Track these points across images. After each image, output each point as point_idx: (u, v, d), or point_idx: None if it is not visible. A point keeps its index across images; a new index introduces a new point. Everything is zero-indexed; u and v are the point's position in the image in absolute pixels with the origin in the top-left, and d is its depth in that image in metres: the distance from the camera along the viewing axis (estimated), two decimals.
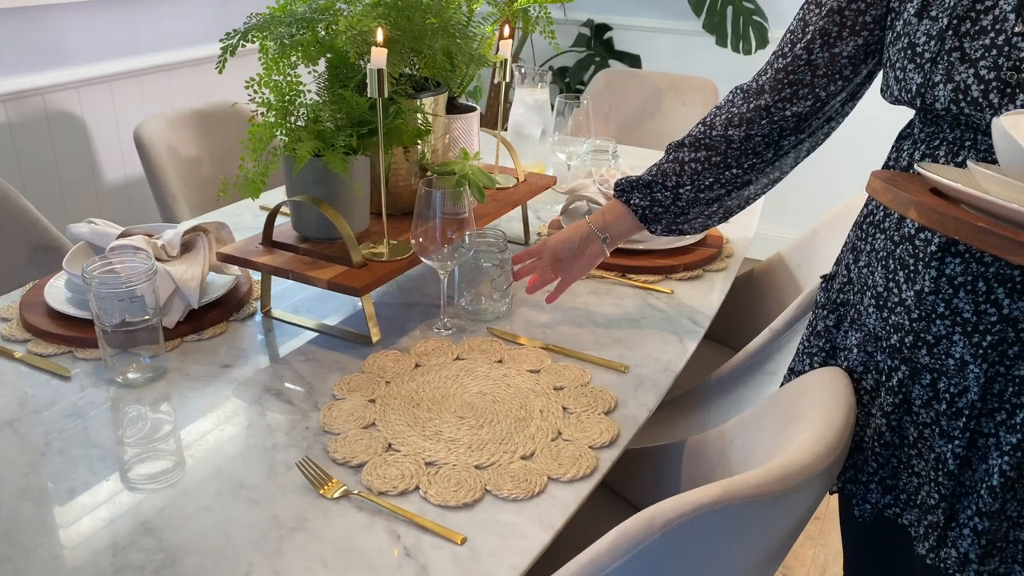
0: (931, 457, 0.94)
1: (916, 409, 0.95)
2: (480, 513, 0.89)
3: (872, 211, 1.01)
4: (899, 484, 0.99)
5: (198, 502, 0.90)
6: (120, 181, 2.42)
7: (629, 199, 1.19)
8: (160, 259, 1.24)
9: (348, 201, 1.22)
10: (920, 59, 0.89)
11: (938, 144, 0.92)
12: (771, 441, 0.98)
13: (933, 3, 0.90)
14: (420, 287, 1.40)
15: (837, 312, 1.06)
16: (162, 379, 1.13)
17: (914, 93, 0.91)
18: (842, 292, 1.05)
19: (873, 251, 0.98)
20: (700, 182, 1.15)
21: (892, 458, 0.99)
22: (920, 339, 0.92)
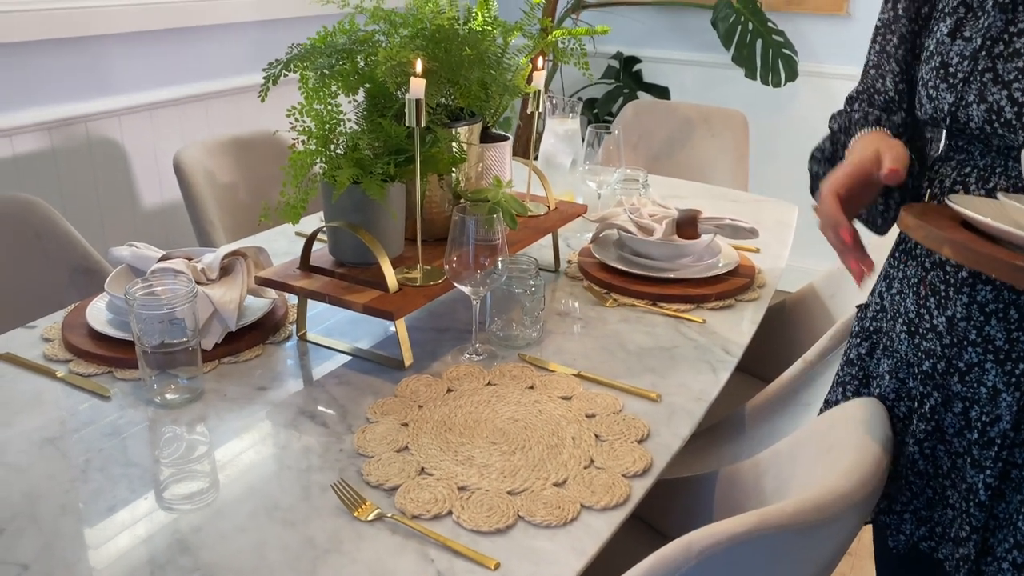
0: (963, 488, 0.93)
1: (949, 438, 0.94)
2: (513, 539, 0.89)
3: (904, 238, 1.01)
4: (934, 516, 0.98)
5: (234, 522, 0.91)
6: (157, 206, 2.47)
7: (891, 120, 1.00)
8: (199, 282, 1.26)
9: (384, 227, 1.24)
10: (953, 79, 0.90)
11: (969, 171, 0.93)
12: (806, 472, 0.98)
13: (967, 23, 0.91)
14: (452, 312, 1.42)
15: (870, 340, 1.06)
16: (199, 400, 1.14)
17: (946, 112, 0.91)
18: (875, 320, 1.05)
19: (905, 278, 0.98)
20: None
21: (927, 488, 0.98)
22: (952, 366, 0.92)
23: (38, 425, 1.07)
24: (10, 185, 2.07)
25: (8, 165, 2.07)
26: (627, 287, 1.48)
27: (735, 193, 2.19)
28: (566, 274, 1.60)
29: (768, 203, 2.07)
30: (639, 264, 1.54)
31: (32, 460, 1.00)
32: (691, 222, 1.55)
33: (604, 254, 1.58)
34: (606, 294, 1.50)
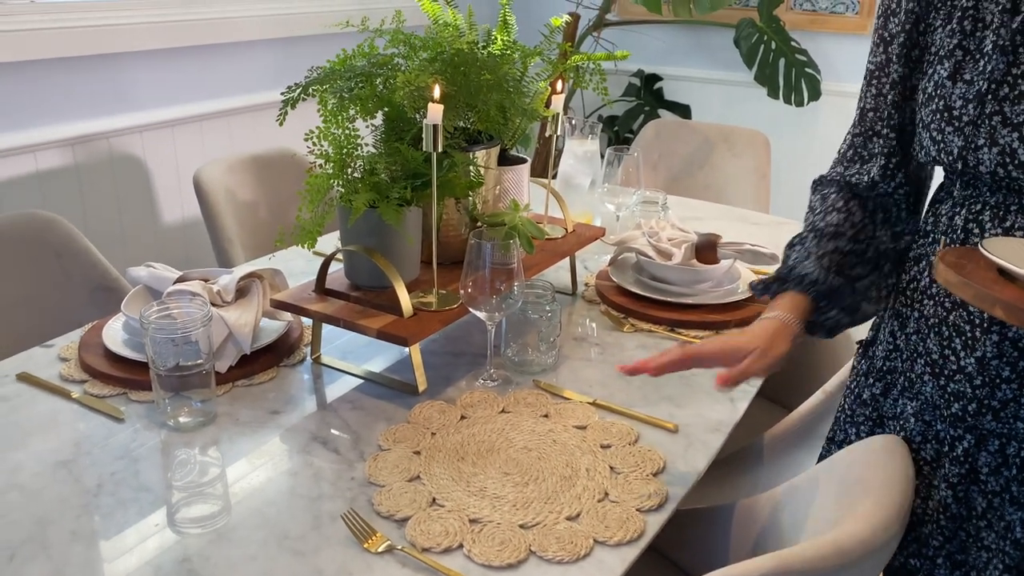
0: (1000, 527, 0.91)
1: (984, 477, 0.92)
2: (524, 574, 0.88)
3: (915, 276, 0.98)
4: (968, 560, 0.95)
5: (244, 550, 0.90)
6: (178, 223, 2.49)
7: (825, 312, 1.02)
8: (215, 304, 1.26)
9: (400, 251, 1.23)
10: (959, 122, 0.88)
11: (980, 208, 0.91)
12: (825, 510, 0.95)
13: (966, 66, 0.89)
14: (467, 336, 1.41)
15: (884, 380, 1.03)
16: (212, 423, 1.14)
17: (955, 156, 0.89)
18: (888, 359, 1.02)
19: (922, 317, 0.96)
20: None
21: (960, 531, 0.95)
22: (984, 406, 0.90)
23: (52, 447, 1.07)
24: (33, 201, 2.09)
25: (32, 181, 2.09)
26: (645, 312, 1.47)
27: (756, 215, 2.17)
28: (583, 297, 1.58)
29: (789, 225, 2.05)
30: (657, 289, 1.52)
31: (45, 483, 1.00)
32: (711, 247, 1.53)
33: (622, 278, 1.57)
34: (623, 319, 1.48)
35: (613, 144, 2.73)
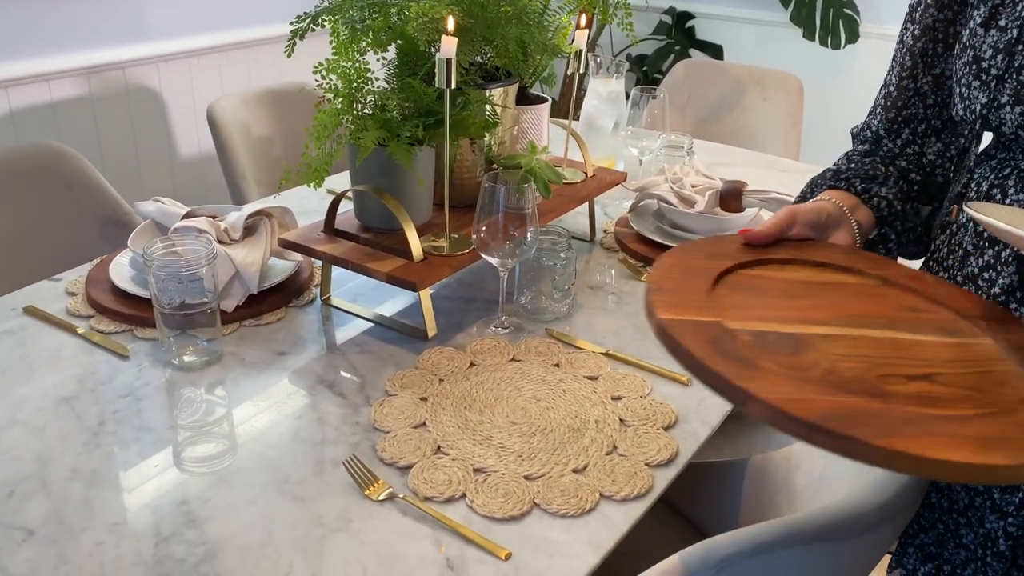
0: (980, 532, 0.85)
1: None
2: (527, 527, 0.86)
3: (938, 247, 0.91)
4: (943, 554, 0.89)
5: (244, 495, 0.89)
6: (195, 157, 2.46)
7: (869, 191, 0.91)
8: (222, 242, 1.24)
9: (411, 192, 1.19)
10: (986, 75, 0.79)
11: (1008, 172, 0.82)
12: (840, 472, 0.92)
13: (1002, 11, 0.80)
14: (480, 281, 1.37)
15: None
16: (218, 363, 1.12)
17: (978, 113, 0.81)
18: None
19: None
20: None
21: (938, 523, 0.89)
22: None
23: (55, 383, 1.06)
24: (47, 131, 2.06)
25: (46, 111, 2.06)
26: None
27: (784, 162, 2.09)
28: (601, 244, 1.54)
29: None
30: (678, 237, 1.48)
31: (47, 419, 0.99)
32: (735, 195, 1.47)
33: (642, 225, 1.52)
34: (642, 267, 1.44)
35: (640, 84, 2.65)
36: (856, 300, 0.80)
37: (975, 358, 0.72)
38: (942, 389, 0.68)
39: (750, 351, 0.69)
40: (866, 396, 0.65)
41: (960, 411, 0.64)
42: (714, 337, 0.70)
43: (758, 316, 0.75)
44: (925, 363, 0.71)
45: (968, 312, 0.78)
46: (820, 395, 0.64)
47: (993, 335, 0.75)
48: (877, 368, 0.70)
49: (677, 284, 0.78)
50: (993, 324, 0.76)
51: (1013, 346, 0.73)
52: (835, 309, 0.78)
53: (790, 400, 0.62)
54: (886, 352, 0.72)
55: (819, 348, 0.71)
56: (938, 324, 0.77)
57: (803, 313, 0.77)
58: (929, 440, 0.60)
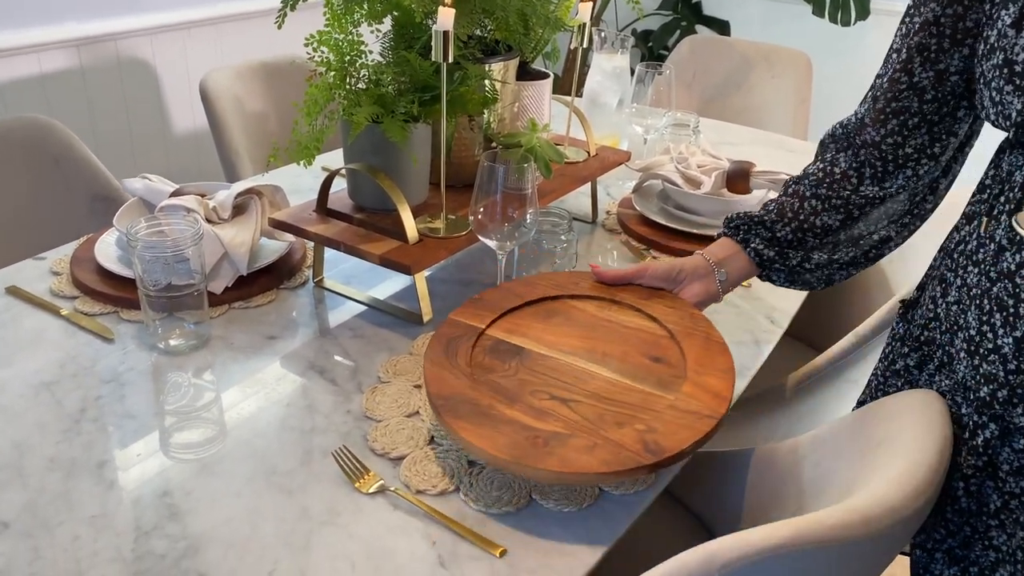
0: (1017, 534, 0.81)
1: (1003, 475, 0.81)
2: (523, 522, 0.83)
3: (964, 238, 0.86)
4: (971, 556, 0.85)
5: (228, 486, 0.85)
6: (189, 132, 2.41)
7: (747, 241, 1.03)
8: (211, 221, 1.20)
9: (406, 171, 1.15)
10: (1020, 79, 0.74)
11: None
12: (850, 468, 0.89)
13: None
14: (478, 263, 1.33)
15: (920, 351, 0.92)
16: (205, 347, 1.09)
17: (1013, 120, 0.76)
18: (927, 329, 0.91)
19: (965, 287, 0.83)
20: (819, 225, 1.00)
21: (965, 526, 0.85)
22: (1016, 395, 0.77)
23: (37, 367, 1.02)
24: (37, 105, 2.01)
25: (35, 84, 2.01)
26: (668, 244, 1.38)
27: (792, 142, 2.04)
28: (603, 226, 1.50)
29: None
30: (683, 219, 1.43)
31: (27, 405, 0.95)
32: (743, 176, 1.43)
33: (646, 206, 1.47)
34: (645, 250, 1.40)
35: (645, 60, 2.58)
36: (613, 340, 0.96)
37: (634, 405, 0.87)
38: (573, 416, 0.85)
39: (465, 347, 0.93)
40: (505, 399, 0.86)
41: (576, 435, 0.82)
42: (459, 335, 0.95)
43: (521, 331, 0.97)
44: (588, 394, 0.88)
45: (700, 375, 0.91)
46: (465, 385, 0.88)
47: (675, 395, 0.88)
48: (548, 386, 0.89)
49: (488, 297, 1.02)
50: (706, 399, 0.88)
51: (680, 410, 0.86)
52: (586, 341, 0.96)
53: (438, 378, 0.89)
54: (572, 379, 0.90)
55: (531, 360, 0.93)
56: (658, 377, 0.91)
57: (560, 338, 0.96)
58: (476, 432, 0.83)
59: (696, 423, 0.84)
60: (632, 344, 0.95)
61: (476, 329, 0.96)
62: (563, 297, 1.03)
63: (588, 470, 0.78)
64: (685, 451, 0.81)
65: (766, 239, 1.02)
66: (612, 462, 0.79)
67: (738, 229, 1.04)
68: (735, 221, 1.04)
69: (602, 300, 1.02)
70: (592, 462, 0.79)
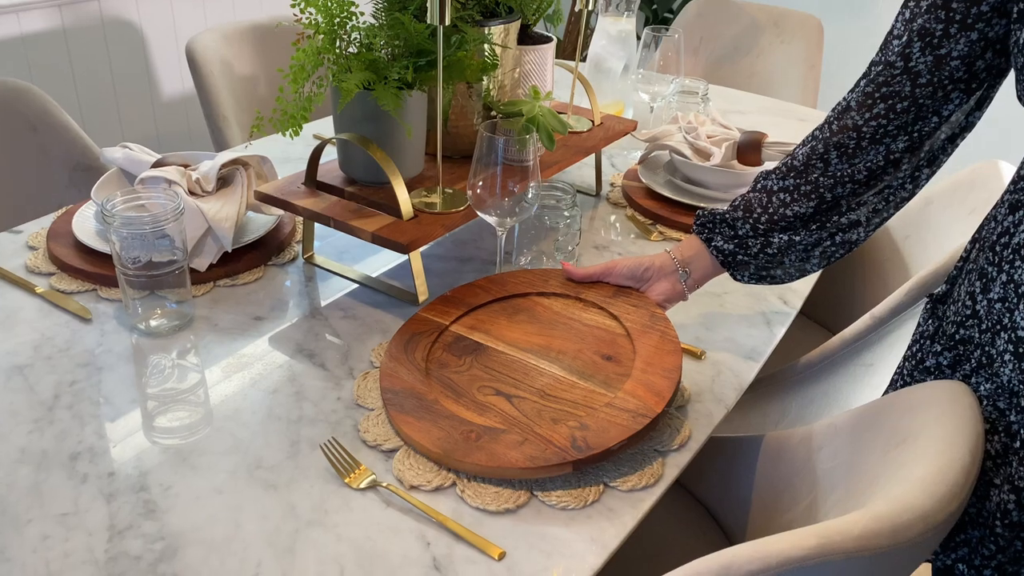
0: None
1: None
2: (523, 522, 0.77)
3: (1008, 230, 0.78)
4: (1021, 572, 0.80)
5: (210, 481, 0.80)
6: (178, 98, 2.32)
7: (710, 240, 1.00)
8: (194, 193, 1.13)
9: (400, 142, 1.08)
10: None
11: None
12: (870, 463, 0.83)
13: None
14: (476, 239, 1.27)
15: (955, 351, 0.85)
16: (188, 328, 1.03)
17: None
18: (963, 327, 0.84)
19: (1012, 283, 0.76)
20: (790, 215, 0.95)
21: (1016, 540, 0.79)
22: None
23: (9, 349, 0.96)
24: (17, 67, 1.93)
25: (15, 45, 1.92)
26: (676, 219, 1.32)
27: (803, 110, 1.97)
28: (607, 199, 1.43)
29: None
30: (691, 193, 1.37)
31: None
32: (755, 147, 1.36)
33: (652, 179, 1.41)
34: (651, 225, 1.34)
35: (651, 24, 2.49)
36: (570, 337, 0.95)
37: (574, 402, 0.86)
38: (513, 412, 0.85)
39: (425, 342, 0.94)
40: (452, 394, 0.87)
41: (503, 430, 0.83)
42: (422, 331, 0.96)
43: (484, 328, 0.97)
44: (533, 391, 0.87)
45: (645, 373, 0.89)
46: (417, 379, 0.89)
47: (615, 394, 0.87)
48: (496, 381, 0.89)
49: (458, 293, 1.02)
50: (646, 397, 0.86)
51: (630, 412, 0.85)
52: (543, 338, 0.95)
53: (392, 373, 0.90)
54: (520, 375, 0.90)
55: (485, 356, 0.93)
56: (605, 375, 0.90)
57: (519, 335, 0.96)
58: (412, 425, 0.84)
59: (628, 421, 0.83)
60: (587, 342, 0.95)
61: (440, 325, 0.97)
62: (532, 295, 1.02)
63: (512, 465, 0.78)
64: (611, 449, 0.80)
65: (728, 236, 0.99)
66: (537, 458, 0.79)
67: (703, 227, 1.01)
68: (702, 218, 1.01)
69: (568, 298, 1.02)
70: (518, 457, 0.79)
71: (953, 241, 1.31)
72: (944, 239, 1.36)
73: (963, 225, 1.33)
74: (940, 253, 1.33)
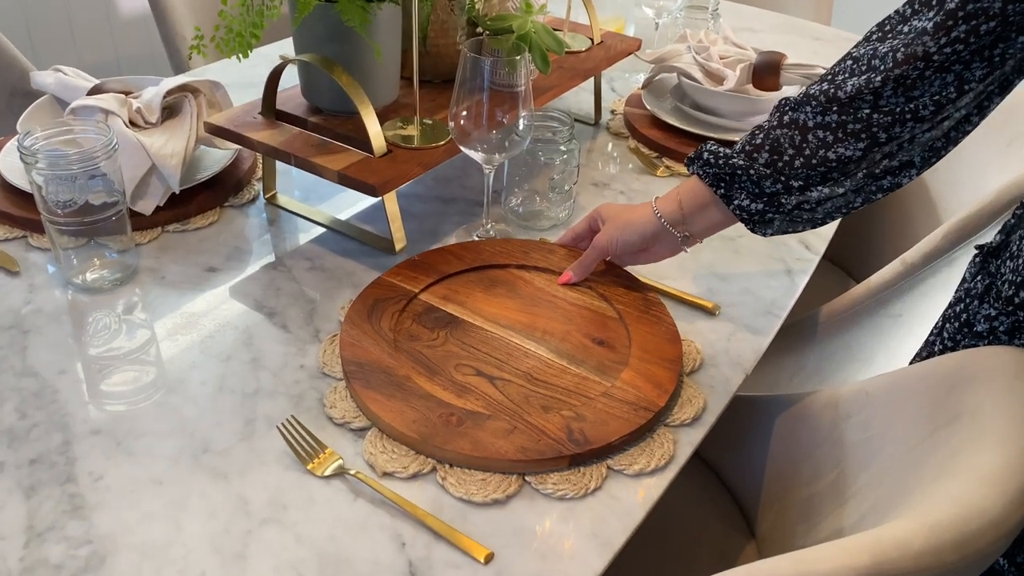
0: None
1: None
2: (514, 514, 0.67)
3: None
4: None
5: (148, 469, 0.69)
6: (140, 14, 2.13)
7: (730, 197, 0.82)
8: (136, 125, 0.99)
9: (369, 65, 0.94)
10: None
11: None
12: (913, 443, 0.72)
13: None
14: (461, 176, 1.13)
15: (1015, 316, 0.73)
16: (131, 282, 0.90)
17: None
18: (1022, 290, 0.73)
19: None
20: (832, 159, 0.78)
21: None
22: None
23: None
24: None
25: None
26: (684, 151, 1.18)
27: (817, 28, 1.81)
28: (608, 128, 1.29)
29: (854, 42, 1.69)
30: (701, 121, 1.23)
31: None
32: (773, 69, 1.21)
33: (657, 105, 1.26)
34: (656, 159, 1.20)
35: None
36: (556, 317, 0.84)
37: (566, 389, 0.76)
38: (497, 396, 0.75)
39: (392, 310, 0.83)
40: (425, 371, 0.77)
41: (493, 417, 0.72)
42: (388, 297, 0.85)
43: (458, 299, 0.86)
44: (519, 374, 0.77)
45: (644, 362, 0.79)
46: (384, 352, 0.78)
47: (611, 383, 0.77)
48: (475, 360, 0.78)
49: (428, 259, 0.90)
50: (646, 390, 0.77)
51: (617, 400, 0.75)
52: (527, 315, 0.84)
53: (355, 342, 0.79)
54: (503, 356, 0.79)
55: (461, 330, 0.82)
56: (598, 361, 0.79)
57: (499, 311, 0.85)
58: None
59: (629, 414, 0.73)
60: (576, 323, 0.84)
61: (408, 292, 0.86)
62: (511, 266, 0.91)
63: (501, 456, 0.69)
64: (612, 444, 0.71)
65: (754, 193, 0.81)
66: (529, 449, 0.69)
67: (719, 180, 0.82)
68: (713, 166, 0.82)
69: (552, 273, 0.90)
70: (507, 448, 0.69)
71: (988, 178, 1.18)
72: (979, 176, 1.22)
73: (1000, 159, 1.19)
74: (973, 191, 1.20)
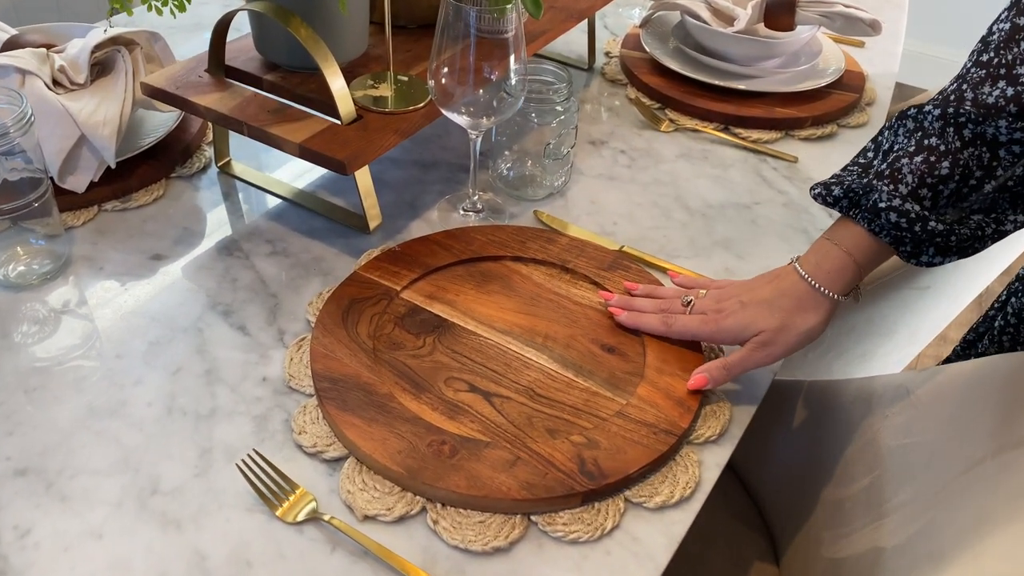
0: None
1: None
2: (520, 565, 0.57)
3: None
4: None
5: (85, 520, 0.58)
6: None
7: (916, 252, 0.65)
8: (60, 86, 0.84)
9: (331, 12, 0.79)
10: None
11: None
12: (970, 464, 0.63)
13: None
14: (442, 136, 1.00)
15: None
16: (63, 274, 0.78)
17: None
18: None
19: None
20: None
21: None
22: None
23: None
24: None
25: None
26: (690, 102, 1.06)
27: None
28: (603, 74, 1.15)
29: None
30: (708, 67, 1.10)
31: None
32: (787, 7, 1.08)
33: (658, 48, 1.13)
34: (659, 111, 1.07)
35: None
36: (559, 319, 0.74)
37: (574, 407, 0.66)
38: (496, 417, 0.65)
39: (370, 312, 0.72)
40: (411, 387, 0.66)
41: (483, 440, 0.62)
42: (366, 296, 0.73)
43: (447, 298, 0.75)
44: (519, 389, 0.67)
45: (661, 374, 0.69)
46: (363, 364, 0.67)
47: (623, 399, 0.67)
48: (470, 372, 0.68)
49: (410, 249, 0.79)
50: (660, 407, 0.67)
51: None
52: (526, 317, 0.74)
53: (328, 352, 0.68)
54: (501, 367, 0.69)
55: (452, 336, 0.71)
56: (609, 372, 0.69)
57: (494, 311, 0.74)
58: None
59: (649, 439, 0.63)
60: (582, 326, 0.73)
61: (388, 290, 0.74)
62: (506, 258, 0.79)
63: (503, 495, 0.58)
64: (631, 476, 0.61)
65: (946, 248, 0.65)
66: (535, 486, 0.59)
67: (900, 241, 0.64)
68: (894, 228, 0.64)
69: (553, 267, 0.79)
70: (510, 484, 0.59)
71: None
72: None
73: None
74: None
